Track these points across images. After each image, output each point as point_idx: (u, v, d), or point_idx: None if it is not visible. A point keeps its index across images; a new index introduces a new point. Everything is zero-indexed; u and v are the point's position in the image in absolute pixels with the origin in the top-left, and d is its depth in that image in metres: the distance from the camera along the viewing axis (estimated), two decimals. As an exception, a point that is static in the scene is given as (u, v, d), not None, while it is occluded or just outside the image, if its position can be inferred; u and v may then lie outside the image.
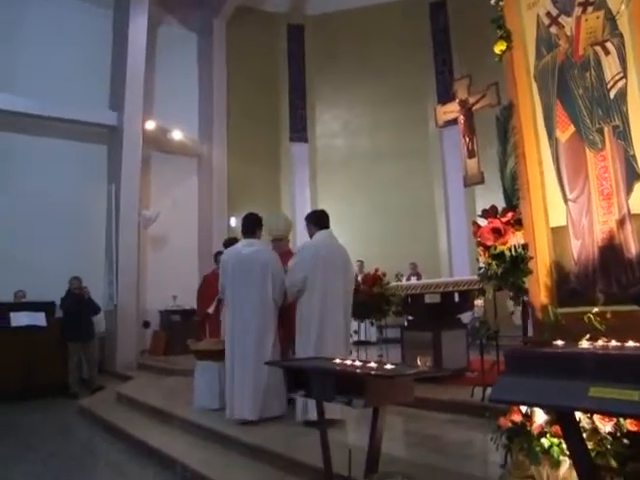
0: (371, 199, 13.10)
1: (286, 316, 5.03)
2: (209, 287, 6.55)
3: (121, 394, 7.23)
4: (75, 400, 7.79)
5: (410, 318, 7.11)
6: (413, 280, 10.23)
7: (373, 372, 2.65)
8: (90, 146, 10.83)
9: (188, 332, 8.78)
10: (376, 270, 6.58)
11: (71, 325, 8.53)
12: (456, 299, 6.51)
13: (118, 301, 10.00)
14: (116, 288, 10.03)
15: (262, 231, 5.30)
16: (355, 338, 7.63)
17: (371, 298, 6.34)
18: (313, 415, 4.18)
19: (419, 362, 3.62)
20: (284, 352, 5.15)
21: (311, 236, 4.96)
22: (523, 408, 2.81)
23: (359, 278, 6.91)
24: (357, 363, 2.94)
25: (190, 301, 10.81)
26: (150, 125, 11.29)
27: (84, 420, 6.80)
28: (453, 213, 12.47)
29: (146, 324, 11.25)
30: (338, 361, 3.06)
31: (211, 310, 6.58)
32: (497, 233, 3.57)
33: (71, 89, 10.32)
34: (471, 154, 8.03)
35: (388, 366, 2.81)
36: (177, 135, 11.84)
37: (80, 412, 7.14)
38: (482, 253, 3.65)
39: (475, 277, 4.99)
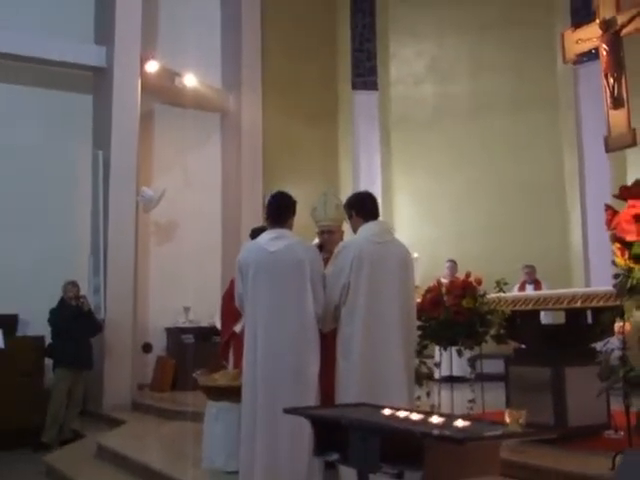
0: (470, 171, 12.91)
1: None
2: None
3: (103, 447, 7.34)
4: (45, 453, 7.95)
5: (520, 346, 6.97)
6: (529, 290, 10.17)
7: (435, 432, 2.57)
8: (68, 96, 11.00)
9: (206, 358, 8.93)
10: (467, 275, 6.48)
11: (64, 346, 8.79)
12: (589, 320, 6.33)
13: (107, 315, 10.15)
14: (104, 297, 10.19)
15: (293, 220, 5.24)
16: (439, 373, 7.59)
17: (459, 316, 6.26)
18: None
19: (507, 418, 3.47)
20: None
21: (355, 230, 5.03)
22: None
23: (444, 283, 6.77)
24: (414, 416, 2.88)
25: (209, 315, 11.01)
26: (152, 66, 11.33)
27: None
28: (592, 191, 12.11)
29: (147, 347, 11.42)
30: (388, 412, 3.00)
31: (238, 328, 6.52)
32: (642, 223, 3.48)
33: (40, 17, 10.50)
34: (617, 103, 7.81)
35: (460, 423, 2.73)
36: (191, 81, 11.86)
37: (47, 472, 7.27)
38: (619, 252, 3.56)
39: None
